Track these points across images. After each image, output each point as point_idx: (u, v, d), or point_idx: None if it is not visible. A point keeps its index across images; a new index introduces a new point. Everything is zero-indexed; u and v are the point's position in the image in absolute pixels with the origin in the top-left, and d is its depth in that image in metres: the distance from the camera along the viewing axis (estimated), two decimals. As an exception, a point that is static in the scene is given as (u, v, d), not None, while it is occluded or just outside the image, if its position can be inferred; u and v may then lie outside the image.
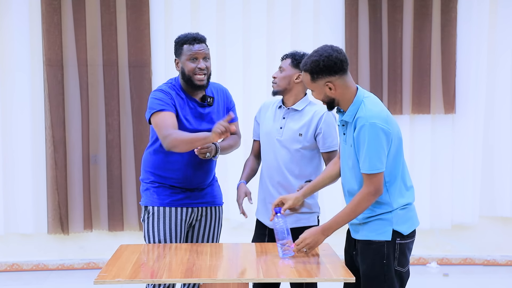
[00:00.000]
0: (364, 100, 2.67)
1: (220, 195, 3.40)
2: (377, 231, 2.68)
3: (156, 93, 3.16)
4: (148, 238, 3.21)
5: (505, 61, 5.27)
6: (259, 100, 4.97)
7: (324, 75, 2.64)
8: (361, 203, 2.63)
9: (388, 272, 2.66)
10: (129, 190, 5.12)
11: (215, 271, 2.60)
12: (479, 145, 5.29)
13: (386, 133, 2.60)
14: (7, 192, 5.09)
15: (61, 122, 5.02)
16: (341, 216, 2.69)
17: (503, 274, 5.21)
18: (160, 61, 5.11)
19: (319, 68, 2.63)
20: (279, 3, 5.16)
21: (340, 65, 2.64)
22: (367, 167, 2.60)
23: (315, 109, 3.20)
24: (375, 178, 2.61)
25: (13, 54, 5.03)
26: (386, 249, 2.66)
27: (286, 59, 3.22)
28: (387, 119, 2.63)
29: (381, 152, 2.60)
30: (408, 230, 2.71)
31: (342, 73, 2.66)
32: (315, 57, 2.65)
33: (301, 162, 3.18)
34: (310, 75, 2.67)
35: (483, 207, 5.36)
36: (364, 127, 2.60)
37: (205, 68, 3.12)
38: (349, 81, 2.69)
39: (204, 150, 3.08)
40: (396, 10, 5.15)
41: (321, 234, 2.72)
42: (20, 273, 5.16)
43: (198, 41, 3.13)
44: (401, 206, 2.69)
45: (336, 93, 2.67)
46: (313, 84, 2.69)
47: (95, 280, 2.48)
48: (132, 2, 5.01)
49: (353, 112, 2.67)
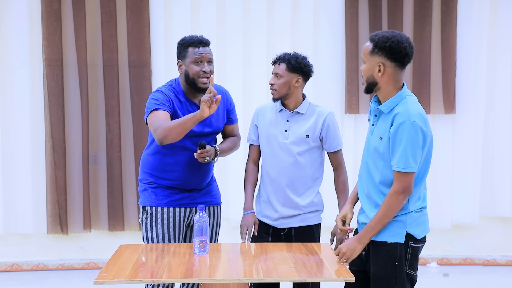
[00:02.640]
0: (406, 97, 2.64)
1: (219, 195, 3.40)
2: (390, 232, 2.65)
3: (154, 93, 3.15)
4: (147, 238, 3.21)
5: (505, 61, 5.27)
6: (259, 100, 4.97)
7: (382, 54, 2.61)
8: (392, 205, 2.60)
9: (400, 274, 2.65)
10: (129, 190, 5.11)
11: (215, 271, 2.60)
12: (479, 145, 5.29)
13: (424, 135, 2.58)
14: (7, 192, 5.09)
15: (61, 122, 5.02)
16: (374, 221, 2.65)
17: (503, 274, 5.21)
18: (160, 61, 5.10)
19: (384, 45, 2.60)
20: (279, 3, 5.15)
21: (402, 56, 2.61)
22: (402, 166, 2.57)
23: (317, 110, 3.24)
24: (408, 177, 2.58)
25: (13, 54, 5.02)
26: (399, 251, 2.64)
27: (280, 64, 3.18)
28: (427, 121, 2.61)
29: (417, 152, 2.57)
30: (421, 234, 2.69)
31: (399, 64, 2.62)
32: (388, 34, 2.61)
33: (304, 163, 3.21)
34: (372, 47, 2.63)
35: (483, 207, 5.36)
36: (404, 124, 2.56)
37: (209, 72, 3.11)
38: (399, 76, 2.65)
39: (204, 154, 3.07)
40: (396, 10, 5.14)
41: (357, 243, 2.69)
42: (20, 273, 5.16)
43: (203, 44, 3.12)
44: (416, 210, 2.67)
45: (382, 79, 2.64)
46: (369, 56, 2.64)
47: (95, 280, 2.48)
48: (132, 2, 5.01)
49: (393, 105, 2.63)
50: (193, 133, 3.14)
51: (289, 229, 3.24)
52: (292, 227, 3.24)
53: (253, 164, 3.36)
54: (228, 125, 3.36)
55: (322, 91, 5.18)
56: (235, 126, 3.40)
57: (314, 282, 3.14)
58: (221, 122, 3.28)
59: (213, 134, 3.26)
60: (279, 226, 3.25)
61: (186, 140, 3.13)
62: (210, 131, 3.21)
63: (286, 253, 2.88)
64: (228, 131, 3.38)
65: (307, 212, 3.23)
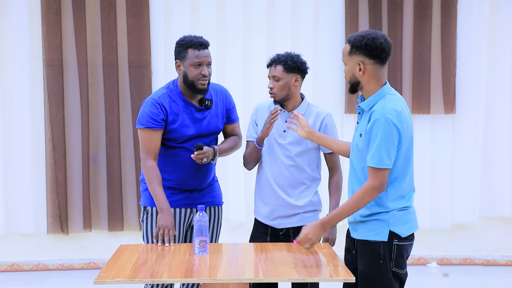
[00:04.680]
0: (386, 95, 2.67)
1: (220, 195, 3.40)
2: (374, 231, 2.68)
3: (148, 103, 3.12)
4: (147, 238, 3.21)
5: (505, 61, 5.27)
6: (259, 100, 4.95)
7: (360, 53, 2.65)
8: (364, 197, 2.63)
9: (385, 272, 2.66)
10: (129, 190, 5.11)
11: (215, 271, 2.60)
12: (479, 145, 5.29)
13: (399, 132, 2.60)
14: (7, 192, 5.09)
15: (61, 122, 5.02)
16: (342, 210, 2.69)
17: (503, 274, 5.21)
18: (160, 61, 5.10)
19: (360, 43, 2.64)
20: (279, 3, 5.15)
21: (379, 52, 2.64)
22: (376, 161, 2.59)
23: (316, 110, 3.25)
24: (381, 173, 2.60)
25: (13, 54, 5.03)
26: (383, 250, 2.66)
27: (276, 66, 3.17)
28: (403, 119, 2.62)
29: (391, 148, 2.59)
30: (406, 233, 2.69)
31: (378, 61, 2.66)
32: (363, 33, 2.67)
33: (302, 163, 3.21)
34: (350, 47, 2.68)
35: (483, 207, 5.36)
36: (378, 121, 2.59)
37: (208, 75, 3.09)
38: (380, 73, 2.68)
39: (201, 155, 3.07)
40: (396, 10, 5.15)
41: (321, 229, 2.73)
42: (20, 273, 5.16)
43: (203, 47, 3.08)
44: (398, 208, 2.68)
45: (363, 77, 2.67)
46: (348, 57, 2.69)
47: (95, 280, 2.49)
48: (132, 2, 5.01)
49: (372, 103, 2.67)
50: (192, 136, 3.14)
51: (287, 229, 3.24)
52: (290, 227, 3.24)
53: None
54: (229, 125, 3.35)
55: (322, 91, 5.19)
56: (235, 125, 3.39)
57: (313, 282, 3.14)
58: (221, 122, 3.27)
59: (213, 134, 3.25)
60: (277, 226, 3.25)
61: (185, 142, 3.14)
62: (208, 132, 3.21)
63: (286, 253, 2.88)
64: (228, 130, 3.38)
65: (305, 212, 3.23)
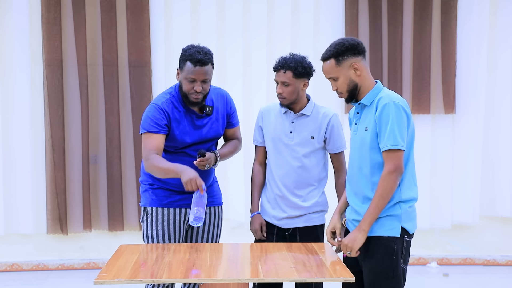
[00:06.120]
0: (384, 88, 2.75)
1: (220, 195, 3.40)
2: (386, 227, 2.69)
3: (151, 108, 3.11)
4: (147, 238, 3.21)
5: (505, 61, 5.27)
6: (259, 100, 4.97)
7: (349, 56, 2.70)
8: (387, 185, 2.63)
9: (396, 268, 2.68)
10: (129, 190, 5.11)
11: (215, 271, 2.60)
12: (479, 145, 5.29)
13: (407, 115, 2.66)
14: (7, 192, 5.09)
15: (61, 122, 5.02)
16: (372, 206, 2.66)
17: (503, 274, 5.21)
18: (160, 61, 5.10)
19: (345, 47, 2.69)
20: (279, 3, 5.15)
21: (361, 47, 2.73)
22: (391, 143, 2.61)
23: (322, 111, 3.27)
24: (397, 155, 2.62)
25: (13, 54, 5.02)
26: (396, 245, 2.68)
27: (286, 72, 3.14)
28: (408, 106, 2.70)
29: (403, 130, 2.64)
30: (412, 229, 2.74)
31: (363, 56, 2.73)
32: (337, 41, 2.74)
33: (309, 164, 3.23)
34: (335, 59, 2.72)
35: (483, 207, 5.36)
36: (388, 105, 2.63)
37: (201, 91, 3.04)
38: (367, 68, 2.77)
39: (204, 162, 3.08)
40: (396, 10, 5.15)
41: (357, 232, 2.69)
42: (20, 273, 5.16)
43: (201, 64, 3.00)
44: (409, 199, 2.70)
45: (360, 77, 2.72)
46: (337, 68, 2.72)
47: (95, 280, 2.48)
48: (132, 2, 5.01)
49: (373, 96, 2.72)
50: (192, 142, 3.15)
51: (293, 229, 3.26)
52: (296, 227, 3.25)
53: (259, 166, 3.36)
54: (229, 129, 3.35)
55: (322, 91, 5.17)
56: (236, 129, 3.39)
57: (317, 282, 3.15)
58: (221, 127, 3.27)
59: (213, 140, 3.26)
60: (283, 226, 3.26)
61: (185, 148, 3.15)
62: (208, 138, 3.21)
63: (286, 253, 2.88)
64: (229, 134, 3.38)
65: (311, 213, 3.25)
